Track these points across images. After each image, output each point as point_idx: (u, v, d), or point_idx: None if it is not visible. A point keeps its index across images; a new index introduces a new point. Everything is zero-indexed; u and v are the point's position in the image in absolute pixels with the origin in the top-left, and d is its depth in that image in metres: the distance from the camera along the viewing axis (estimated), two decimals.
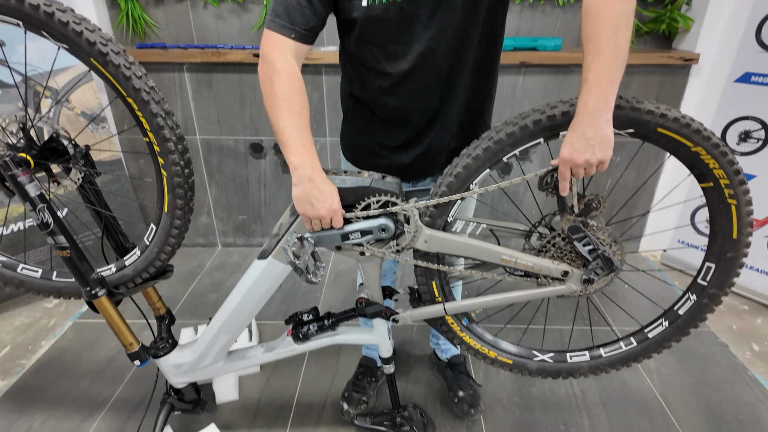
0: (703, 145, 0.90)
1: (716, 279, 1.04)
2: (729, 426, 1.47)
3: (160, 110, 0.97)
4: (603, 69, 0.81)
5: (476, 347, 1.23)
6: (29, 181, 1.04)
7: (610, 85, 0.82)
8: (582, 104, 0.85)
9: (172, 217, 1.08)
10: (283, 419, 1.48)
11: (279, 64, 0.93)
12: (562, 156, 0.89)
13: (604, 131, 0.85)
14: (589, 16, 0.81)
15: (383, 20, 0.94)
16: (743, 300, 2.10)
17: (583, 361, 1.23)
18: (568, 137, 0.88)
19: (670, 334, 1.14)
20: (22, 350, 1.79)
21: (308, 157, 0.94)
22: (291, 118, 0.93)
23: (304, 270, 0.99)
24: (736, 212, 0.96)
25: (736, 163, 0.92)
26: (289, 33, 0.93)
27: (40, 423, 1.47)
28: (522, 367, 1.24)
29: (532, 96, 2.11)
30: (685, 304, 1.11)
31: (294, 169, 0.95)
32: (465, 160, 0.98)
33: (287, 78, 0.93)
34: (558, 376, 1.24)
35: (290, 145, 0.94)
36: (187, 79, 2.12)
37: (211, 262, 2.39)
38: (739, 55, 1.92)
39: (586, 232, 0.99)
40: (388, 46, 0.98)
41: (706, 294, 1.07)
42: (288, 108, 0.93)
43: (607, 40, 0.80)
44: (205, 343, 1.25)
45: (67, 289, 1.24)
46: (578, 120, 0.86)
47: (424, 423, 1.42)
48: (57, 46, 0.93)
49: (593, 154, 0.86)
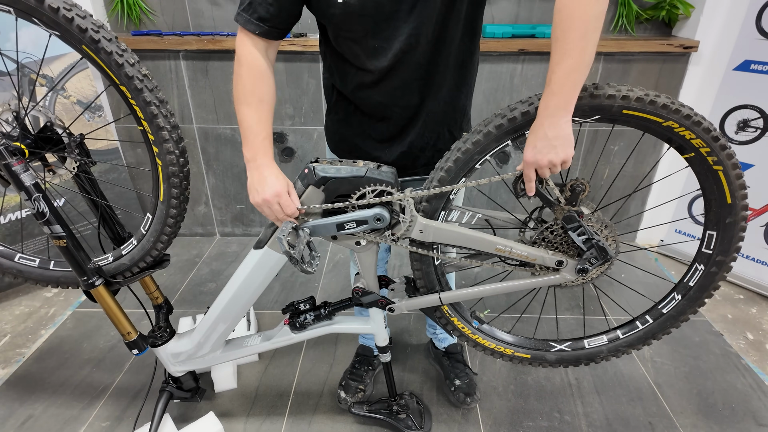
0: (673, 119, 0.90)
1: (720, 246, 1.03)
2: (721, 414, 1.49)
3: (154, 98, 0.97)
4: (567, 72, 0.82)
5: (492, 347, 1.24)
6: (24, 170, 1.03)
7: (573, 89, 0.83)
8: (543, 106, 0.86)
9: (167, 206, 1.08)
10: (281, 407, 1.50)
11: (242, 57, 0.95)
12: (526, 159, 0.90)
13: (565, 131, 0.86)
14: (560, 15, 0.81)
15: (361, 16, 0.92)
16: (738, 289, 2.11)
17: (602, 345, 1.22)
18: (530, 140, 0.89)
19: (684, 307, 1.13)
20: (22, 339, 1.80)
21: (259, 149, 0.97)
22: (248, 111, 0.96)
23: (299, 260, 0.99)
24: (724, 177, 0.95)
25: (713, 130, 0.91)
26: (254, 28, 0.94)
27: (41, 411, 1.48)
28: (541, 359, 1.24)
29: (530, 84, 2.10)
30: (694, 275, 1.10)
31: (246, 161, 0.99)
32: (439, 173, 1.00)
33: (248, 71, 0.95)
34: (578, 363, 1.23)
35: (245, 138, 0.98)
36: (183, 67, 2.10)
37: (209, 252, 2.40)
38: (739, 43, 1.90)
39: (580, 221, 0.99)
40: (367, 42, 0.97)
41: (713, 262, 1.06)
42: (246, 101, 0.96)
43: (575, 42, 0.80)
44: (202, 331, 1.25)
45: (65, 279, 1.24)
46: (539, 122, 0.87)
47: (421, 411, 1.43)
48: (48, 33, 0.92)
49: (556, 154, 0.87)
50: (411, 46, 0.96)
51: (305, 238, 1.01)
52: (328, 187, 1.01)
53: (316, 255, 1.06)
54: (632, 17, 2.02)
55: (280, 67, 2.07)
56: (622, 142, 2.22)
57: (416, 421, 1.39)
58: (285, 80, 2.10)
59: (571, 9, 0.79)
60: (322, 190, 1.01)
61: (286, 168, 2.36)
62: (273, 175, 0.98)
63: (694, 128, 0.91)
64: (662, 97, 0.89)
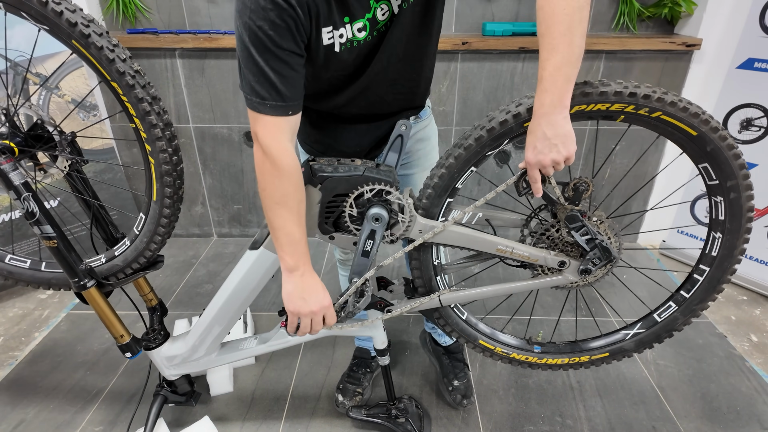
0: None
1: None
2: (726, 417, 1.46)
3: (146, 95, 0.94)
4: (557, 67, 0.80)
5: (567, 361, 1.22)
6: (13, 168, 1.01)
7: (566, 83, 0.81)
8: (538, 104, 0.83)
9: (161, 206, 1.06)
10: (278, 411, 1.47)
11: (280, 158, 0.86)
12: (528, 160, 0.88)
13: (564, 128, 0.84)
14: (543, 11, 0.79)
15: (344, 60, 0.91)
16: (742, 290, 2.09)
17: (675, 311, 1.13)
18: (530, 140, 0.87)
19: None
20: (15, 342, 1.77)
21: (302, 257, 0.95)
22: (289, 215, 0.92)
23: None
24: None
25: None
26: (285, 111, 0.85)
27: (33, 415, 1.46)
28: (620, 351, 1.19)
29: (531, 82, 2.08)
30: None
31: (287, 268, 0.96)
32: (427, 191, 0.99)
33: (288, 174, 0.88)
34: (660, 339, 1.16)
35: (286, 244, 0.94)
36: (180, 65, 2.08)
37: (206, 253, 2.37)
38: (742, 41, 1.88)
39: (583, 221, 0.97)
40: (350, 73, 0.96)
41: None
42: (287, 205, 0.91)
43: (561, 36, 0.78)
44: (197, 334, 1.23)
45: (56, 280, 1.22)
46: (536, 121, 0.85)
47: (420, 415, 1.41)
48: (38, 28, 0.90)
49: (558, 153, 0.85)
50: (383, 68, 0.96)
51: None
52: (325, 186, 0.98)
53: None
54: (634, 15, 2.00)
55: None
56: (623, 141, 2.19)
57: (415, 425, 1.36)
58: None
59: (552, 5, 0.78)
60: (319, 189, 0.99)
61: None
62: (320, 286, 0.98)
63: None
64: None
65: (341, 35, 0.87)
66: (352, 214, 1.00)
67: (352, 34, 0.88)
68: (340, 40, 0.87)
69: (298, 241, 0.94)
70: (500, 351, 1.22)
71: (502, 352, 1.22)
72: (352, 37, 0.88)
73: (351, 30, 0.87)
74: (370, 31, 0.89)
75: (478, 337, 1.22)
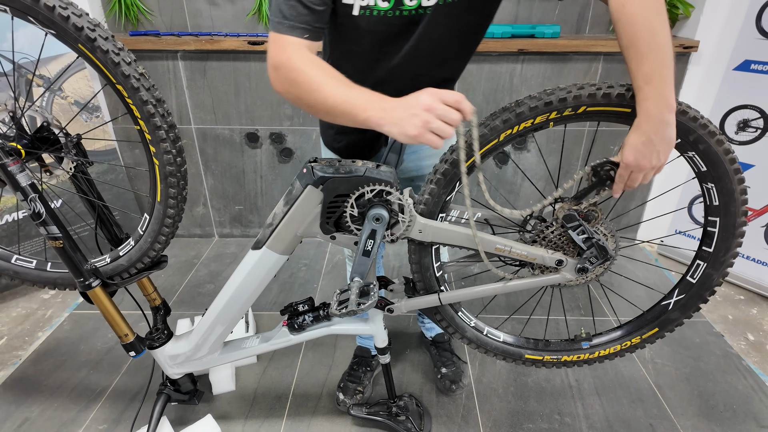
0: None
1: (709, 161, 0.98)
2: (722, 415, 1.48)
3: (151, 97, 0.96)
4: (651, 74, 0.79)
5: (611, 351, 1.23)
6: (20, 170, 1.02)
7: (664, 86, 0.80)
8: (644, 112, 0.83)
9: (165, 206, 1.07)
10: (280, 409, 1.49)
11: (298, 62, 0.84)
12: (627, 161, 0.87)
13: (668, 134, 0.84)
14: (621, 24, 0.78)
15: (370, 32, 0.91)
16: (739, 290, 2.11)
17: (705, 268, 1.11)
18: (632, 142, 0.85)
19: (721, 242, 1.06)
20: (18, 341, 1.79)
21: (376, 99, 0.83)
22: (334, 83, 0.84)
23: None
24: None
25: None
26: (302, 33, 0.85)
27: (37, 414, 1.47)
28: (668, 322, 1.19)
29: (530, 84, 2.10)
30: (712, 195, 1.03)
31: (378, 120, 0.82)
32: (430, 186, 1.00)
33: (309, 65, 0.84)
34: (703, 299, 1.14)
35: (355, 103, 0.82)
36: (181, 67, 2.10)
37: (207, 253, 2.39)
38: (739, 43, 1.90)
39: (580, 220, 0.99)
40: (368, 55, 0.96)
41: (716, 179, 1.01)
42: (326, 82, 0.83)
43: (646, 45, 0.78)
44: (200, 333, 1.24)
45: (62, 280, 1.23)
46: (643, 126, 0.84)
47: (420, 413, 1.42)
48: (44, 32, 0.91)
49: (657, 159, 0.85)
50: (407, 62, 0.96)
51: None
52: (326, 186, 1.00)
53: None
54: None
55: None
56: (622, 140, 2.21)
57: (416, 423, 1.38)
58: None
59: (630, 15, 0.77)
60: (320, 190, 1.00)
61: (285, 168, 2.35)
62: (410, 95, 0.82)
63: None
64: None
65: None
66: (353, 214, 1.02)
67: (374, 1, 0.87)
68: (361, 2, 0.86)
69: (358, 91, 0.83)
70: (549, 359, 1.25)
71: (552, 359, 1.24)
72: (374, 4, 0.87)
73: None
74: (393, 6, 0.87)
75: (523, 353, 1.25)
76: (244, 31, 2.05)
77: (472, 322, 1.24)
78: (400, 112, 0.80)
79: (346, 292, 1.05)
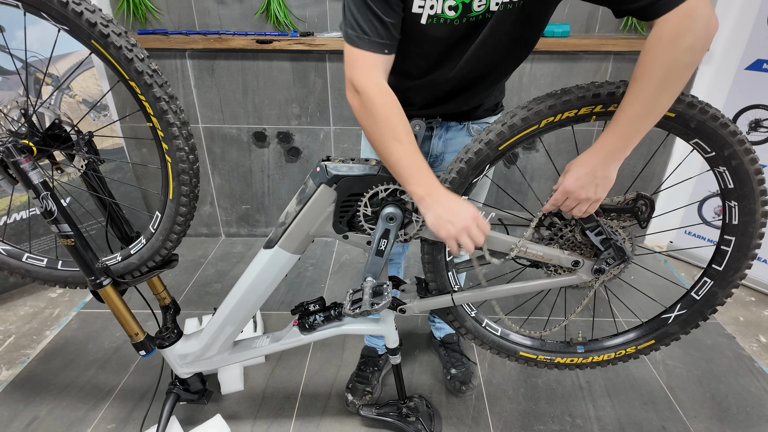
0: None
1: (736, 178, 0.97)
2: (736, 418, 1.46)
3: (164, 94, 0.95)
4: (635, 116, 0.80)
5: (612, 356, 1.22)
6: (32, 168, 1.02)
7: (636, 134, 0.81)
8: (602, 142, 0.83)
9: (177, 204, 1.06)
10: (289, 409, 1.48)
11: (375, 95, 0.87)
12: (566, 187, 0.87)
13: (612, 174, 0.85)
14: (645, 57, 0.76)
15: (435, 38, 0.91)
16: (750, 291, 2.09)
17: (711, 286, 1.11)
18: (577, 169, 0.86)
19: (733, 262, 1.06)
20: (26, 340, 1.78)
21: (431, 182, 0.90)
22: (401, 147, 0.88)
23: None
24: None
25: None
26: (381, 48, 0.86)
27: (46, 412, 1.47)
28: (665, 335, 1.19)
29: (539, 83, 2.08)
30: (733, 214, 1.02)
31: (420, 199, 0.91)
32: (444, 185, 0.99)
33: (387, 105, 0.87)
34: (704, 317, 1.14)
35: (409, 176, 0.90)
36: (189, 66, 2.09)
37: (214, 252, 2.38)
38: (751, 42, 1.88)
39: (598, 221, 0.97)
40: (427, 58, 0.96)
41: (740, 198, 1.00)
42: (396, 137, 0.88)
43: (651, 88, 0.77)
44: (210, 333, 1.24)
45: (72, 279, 1.22)
46: (593, 155, 0.84)
47: (430, 414, 1.41)
48: (57, 28, 0.91)
49: (594, 193, 0.86)
50: (462, 67, 0.96)
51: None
52: (340, 185, 0.99)
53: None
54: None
55: (287, 66, 2.06)
56: None
57: (426, 424, 1.37)
58: (292, 79, 2.09)
59: (656, 52, 0.75)
60: (334, 189, 0.99)
61: (292, 168, 2.34)
62: (458, 202, 0.91)
63: None
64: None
65: (432, 6, 0.86)
66: (367, 213, 1.01)
67: (442, 9, 0.86)
68: (429, 12, 0.86)
69: (420, 166, 0.89)
70: (543, 359, 1.24)
71: (545, 359, 1.24)
72: (441, 12, 0.87)
73: (441, 4, 0.86)
74: (460, 15, 0.87)
75: (518, 349, 1.24)
76: (252, 29, 2.04)
77: (473, 312, 1.24)
78: (441, 210, 0.90)
79: (359, 291, 1.04)
